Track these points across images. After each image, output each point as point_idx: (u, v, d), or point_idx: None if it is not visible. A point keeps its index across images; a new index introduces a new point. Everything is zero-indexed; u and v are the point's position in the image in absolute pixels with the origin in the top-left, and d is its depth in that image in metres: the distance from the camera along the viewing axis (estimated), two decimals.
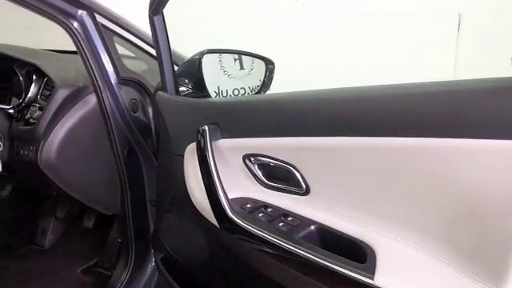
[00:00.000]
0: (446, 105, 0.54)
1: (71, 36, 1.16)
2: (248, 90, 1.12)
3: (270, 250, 0.74)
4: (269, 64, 1.15)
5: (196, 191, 0.89)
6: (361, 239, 0.65)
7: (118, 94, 1.22)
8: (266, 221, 0.76)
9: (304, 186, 0.74)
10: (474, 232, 0.54)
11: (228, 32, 2.45)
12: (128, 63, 1.26)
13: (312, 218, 0.73)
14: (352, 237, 0.67)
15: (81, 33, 1.16)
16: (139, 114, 1.28)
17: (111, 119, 1.22)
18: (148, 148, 1.29)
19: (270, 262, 0.75)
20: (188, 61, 1.07)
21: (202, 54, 1.02)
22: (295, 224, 0.74)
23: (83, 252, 1.66)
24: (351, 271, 0.60)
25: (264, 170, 0.80)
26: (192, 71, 1.03)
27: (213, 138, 0.81)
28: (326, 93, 0.71)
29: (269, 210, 0.79)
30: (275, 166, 0.77)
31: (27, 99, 1.32)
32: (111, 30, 1.22)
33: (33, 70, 1.33)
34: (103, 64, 1.19)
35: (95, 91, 1.22)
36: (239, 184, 0.84)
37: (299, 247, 0.67)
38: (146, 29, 1.03)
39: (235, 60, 1.10)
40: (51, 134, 1.24)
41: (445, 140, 0.53)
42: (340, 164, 0.67)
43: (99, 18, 1.18)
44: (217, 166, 0.79)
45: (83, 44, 1.16)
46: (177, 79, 1.02)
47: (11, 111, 1.34)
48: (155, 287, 1.33)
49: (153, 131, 1.29)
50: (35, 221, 1.77)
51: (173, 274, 1.10)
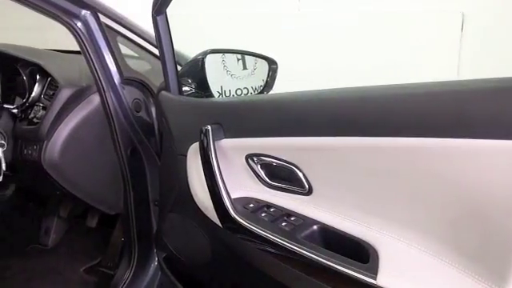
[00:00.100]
0: (449, 105, 0.54)
1: (75, 36, 1.16)
2: (251, 90, 1.12)
3: (273, 250, 0.74)
4: (272, 64, 1.15)
5: (199, 191, 0.89)
6: (363, 239, 0.65)
7: (122, 94, 1.22)
8: (269, 221, 0.76)
9: (307, 186, 0.74)
10: (477, 232, 0.54)
11: (231, 32, 2.45)
12: (131, 63, 1.26)
13: (315, 218, 0.73)
14: (355, 237, 0.67)
15: (84, 33, 1.16)
16: (142, 114, 1.28)
17: (114, 119, 1.22)
18: (151, 148, 1.29)
19: (273, 262, 0.75)
20: (191, 61, 1.07)
21: (205, 54, 1.02)
22: (298, 224, 0.74)
23: (86, 251, 1.66)
24: (354, 271, 0.60)
25: (267, 170, 0.81)
26: (195, 71, 1.03)
27: (216, 138, 0.81)
28: (329, 93, 0.71)
29: (271, 210, 0.79)
30: (278, 166, 0.77)
31: (31, 99, 1.32)
32: (115, 30, 1.22)
33: (36, 70, 1.34)
34: (107, 64, 1.19)
35: (98, 91, 1.22)
36: (242, 184, 0.84)
37: (302, 247, 0.67)
38: (150, 29, 1.04)
39: (238, 60, 1.10)
40: (55, 134, 1.24)
41: (447, 140, 0.52)
42: (342, 164, 0.67)
43: (103, 18, 1.18)
44: (220, 166, 0.79)
45: (87, 44, 1.16)
46: (180, 79, 1.02)
47: (15, 111, 1.35)
48: (158, 287, 1.33)
49: (156, 131, 1.29)
50: (38, 220, 1.78)
51: (175, 274, 1.10)
